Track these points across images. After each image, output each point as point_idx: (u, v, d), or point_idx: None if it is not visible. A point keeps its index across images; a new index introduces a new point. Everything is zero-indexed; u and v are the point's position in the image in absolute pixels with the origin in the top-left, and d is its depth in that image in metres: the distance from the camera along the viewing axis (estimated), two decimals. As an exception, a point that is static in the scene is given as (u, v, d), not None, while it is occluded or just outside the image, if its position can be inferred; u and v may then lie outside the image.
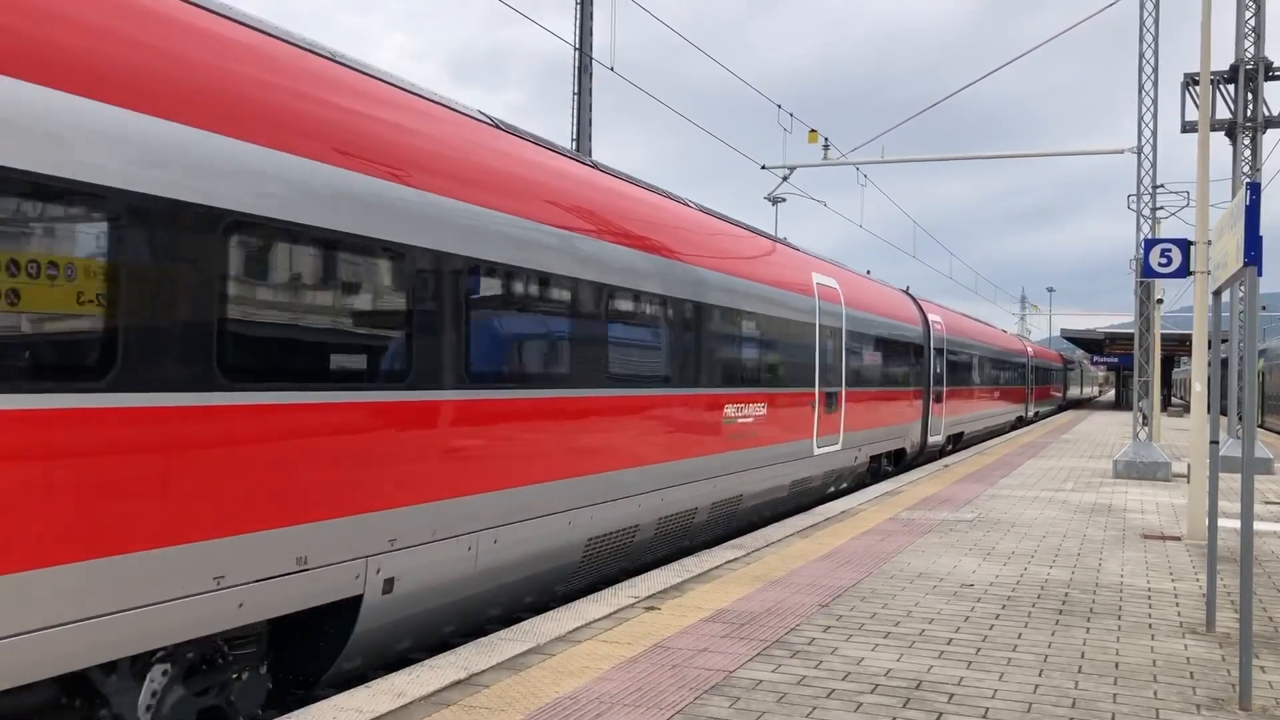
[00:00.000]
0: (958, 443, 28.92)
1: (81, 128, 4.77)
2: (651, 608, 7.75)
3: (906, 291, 24.98)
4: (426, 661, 6.21)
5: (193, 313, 5.31)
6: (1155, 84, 20.14)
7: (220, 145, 5.51)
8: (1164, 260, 10.93)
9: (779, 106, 22.00)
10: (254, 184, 5.69)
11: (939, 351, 24.95)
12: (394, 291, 6.84)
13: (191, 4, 5.79)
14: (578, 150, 18.42)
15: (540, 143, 9.60)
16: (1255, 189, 5.80)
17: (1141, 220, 20.40)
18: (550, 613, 7.52)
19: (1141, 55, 20.10)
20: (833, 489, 17.14)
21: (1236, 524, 12.45)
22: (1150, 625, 7.55)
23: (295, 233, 5.99)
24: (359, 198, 6.47)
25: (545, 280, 8.56)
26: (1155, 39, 20.00)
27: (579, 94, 18.47)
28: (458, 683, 5.79)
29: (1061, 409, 67.51)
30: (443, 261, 7.23)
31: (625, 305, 9.95)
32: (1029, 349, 48.04)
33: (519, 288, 8.26)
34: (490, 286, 7.89)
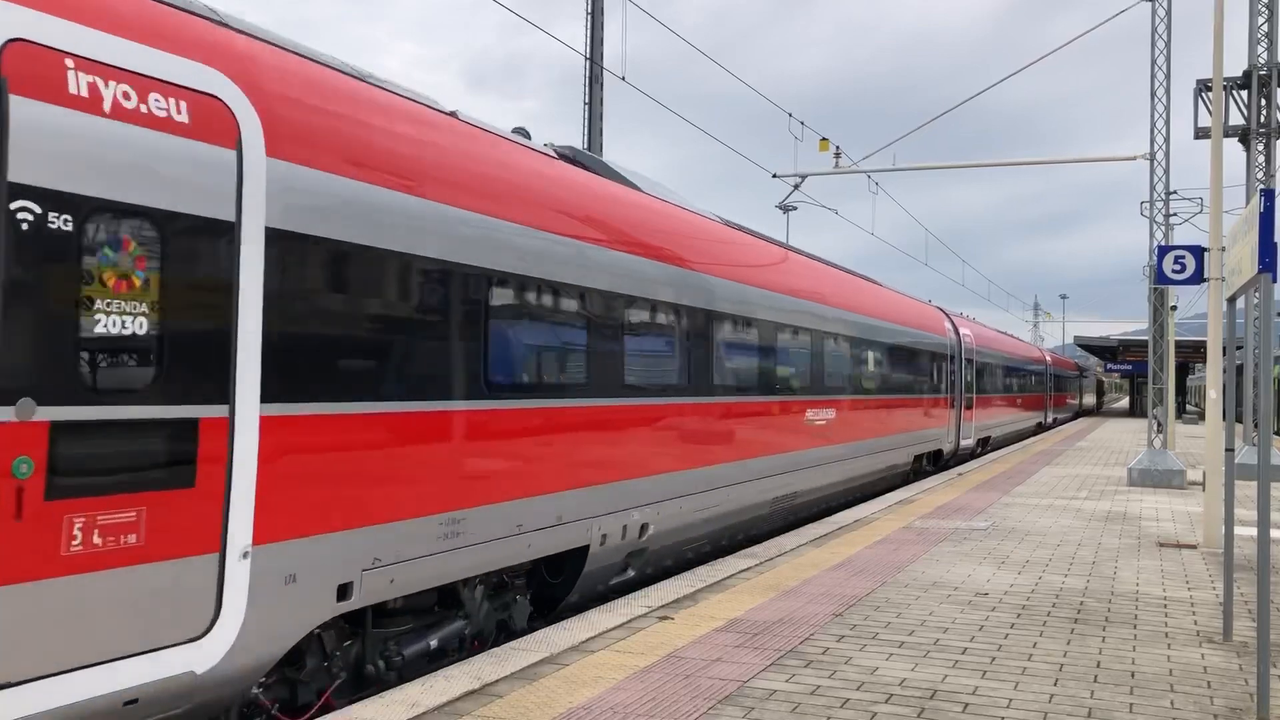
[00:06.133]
0: (1053, 424, 49.26)
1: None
2: (665, 617, 7.74)
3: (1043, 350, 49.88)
4: (439, 671, 6.22)
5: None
6: (1168, 90, 20.10)
7: None
8: (1178, 267, 10.90)
9: (790, 114, 22.03)
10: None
11: (1053, 376, 47.81)
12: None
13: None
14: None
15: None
16: (1269, 195, 5.78)
17: (1155, 227, 20.34)
18: (563, 622, 7.52)
19: (1154, 62, 20.06)
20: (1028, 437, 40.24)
21: (1253, 532, 12.38)
22: (1166, 634, 7.51)
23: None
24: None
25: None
26: (1168, 45, 19.96)
27: (590, 104, 18.51)
28: (471, 693, 5.79)
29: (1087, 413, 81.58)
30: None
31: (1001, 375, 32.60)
32: (1077, 365, 69.89)
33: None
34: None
